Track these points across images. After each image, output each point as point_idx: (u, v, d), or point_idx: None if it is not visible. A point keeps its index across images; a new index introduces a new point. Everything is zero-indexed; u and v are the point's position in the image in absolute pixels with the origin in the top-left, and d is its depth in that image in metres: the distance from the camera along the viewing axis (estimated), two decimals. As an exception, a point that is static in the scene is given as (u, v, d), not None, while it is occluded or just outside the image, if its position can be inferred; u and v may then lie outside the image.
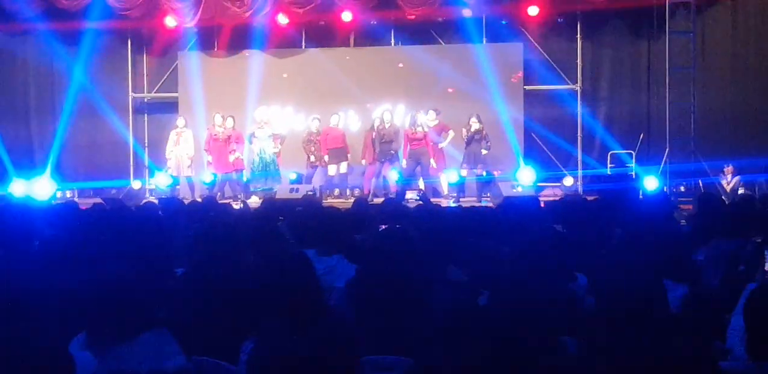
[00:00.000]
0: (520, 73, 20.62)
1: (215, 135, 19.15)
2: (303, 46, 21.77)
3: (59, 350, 3.41)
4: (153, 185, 20.83)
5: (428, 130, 18.51)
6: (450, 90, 20.38)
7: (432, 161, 18.44)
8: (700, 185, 18.35)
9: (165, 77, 22.60)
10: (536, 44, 20.93)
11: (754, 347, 3.36)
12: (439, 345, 3.35)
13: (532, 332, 3.45)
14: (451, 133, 18.47)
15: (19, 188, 17.96)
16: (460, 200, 17.90)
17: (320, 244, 6.19)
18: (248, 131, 19.41)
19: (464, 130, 18.30)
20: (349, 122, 20.62)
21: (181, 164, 19.31)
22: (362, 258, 5.49)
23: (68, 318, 4.24)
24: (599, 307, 3.99)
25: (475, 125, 18.23)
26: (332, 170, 18.98)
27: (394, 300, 4.24)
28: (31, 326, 3.93)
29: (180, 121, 19.74)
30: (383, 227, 7.01)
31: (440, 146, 18.50)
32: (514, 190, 17.50)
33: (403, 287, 4.32)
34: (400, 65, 21.14)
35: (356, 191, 19.20)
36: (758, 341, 3.35)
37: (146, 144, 22.65)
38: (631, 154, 19.62)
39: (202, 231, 6.37)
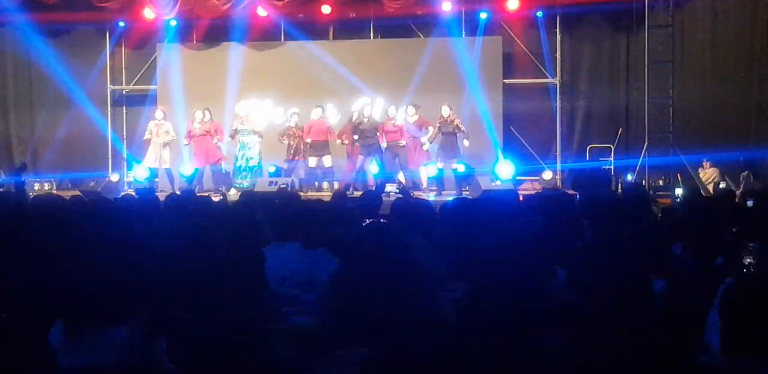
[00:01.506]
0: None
1: (191, 131, 19.08)
2: (282, 39, 21.73)
3: (39, 340, 3.40)
4: (131, 178, 20.77)
5: (406, 124, 18.49)
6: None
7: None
8: (679, 178, 18.43)
9: (143, 70, 22.54)
10: (515, 38, 20.95)
11: (730, 342, 3.37)
12: (414, 336, 3.36)
13: (509, 325, 3.46)
14: (431, 129, 18.44)
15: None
16: (442, 193, 17.94)
17: (300, 237, 6.19)
18: (231, 126, 19.33)
19: (437, 123, 18.35)
20: (329, 114, 20.58)
21: (160, 157, 19.24)
22: (344, 252, 5.48)
23: (45, 309, 4.23)
24: (577, 301, 4.00)
25: (445, 112, 18.25)
26: (312, 161, 18.91)
27: (376, 295, 4.23)
28: (9, 317, 3.93)
29: (158, 113, 19.64)
30: (368, 221, 7.01)
31: (422, 141, 18.45)
32: (493, 184, 17.52)
33: (386, 281, 4.32)
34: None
35: (335, 185, 19.18)
36: (733, 336, 3.36)
37: (124, 136, 22.60)
38: (609, 148, 19.66)
39: (179, 224, 6.34)
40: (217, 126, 19.23)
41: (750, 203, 9.38)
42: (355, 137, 18.64)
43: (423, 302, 4.29)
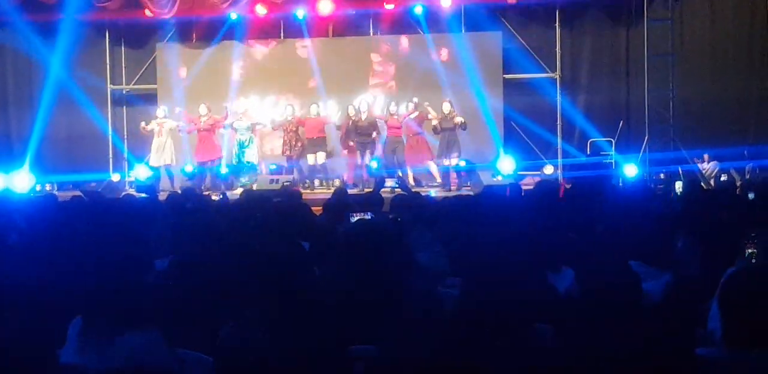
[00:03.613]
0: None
1: (197, 125, 19.19)
2: (281, 37, 21.72)
3: (40, 345, 3.39)
4: (132, 178, 20.78)
5: (407, 120, 18.49)
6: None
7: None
8: (680, 172, 18.44)
9: (143, 69, 22.54)
10: (515, 33, 20.93)
11: (730, 333, 3.36)
12: (410, 332, 3.35)
13: (506, 320, 3.45)
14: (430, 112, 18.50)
15: (-3, 181, 17.85)
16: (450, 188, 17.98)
17: (299, 235, 6.17)
18: (227, 122, 19.40)
19: (437, 118, 18.36)
20: (330, 112, 20.60)
21: (163, 154, 19.27)
22: (335, 248, 5.47)
23: (48, 313, 4.21)
24: (579, 295, 3.99)
25: (445, 108, 18.28)
26: (311, 159, 18.92)
27: (366, 290, 4.22)
28: (9, 321, 3.91)
29: (160, 111, 19.68)
30: (355, 216, 7.00)
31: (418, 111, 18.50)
32: (494, 179, 17.52)
33: (376, 276, 4.31)
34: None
35: (336, 181, 19.18)
36: (733, 327, 3.35)
37: (125, 136, 22.59)
38: (610, 142, 19.64)
39: (180, 223, 6.34)
40: (215, 121, 19.28)
41: (751, 195, 9.38)
42: (355, 140, 18.69)
43: (418, 297, 4.28)
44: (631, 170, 17.30)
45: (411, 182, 18.60)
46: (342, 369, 3.88)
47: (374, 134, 18.75)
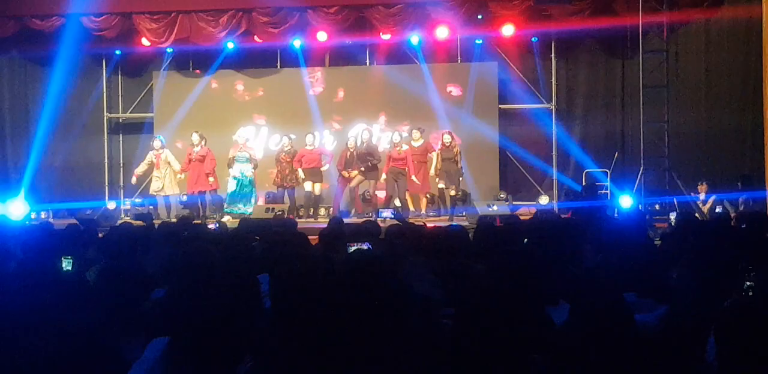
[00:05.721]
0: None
1: (190, 154, 19.05)
2: (278, 66, 21.77)
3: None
4: (128, 205, 20.76)
5: (412, 148, 18.50)
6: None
7: (414, 177, 18.38)
8: (675, 203, 18.44)
9: (140, 98, 22.58)
10: (511, 64, 21.01)
11: (726, 365, 3.35)
12: (410, 362, 3.34)
13: (500, 351, 3.44)
14: (434, 156, 18.47)
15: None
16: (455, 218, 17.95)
17: (296, 264, 6.15)
18: (228, 154, 19.13)
19: (438, 150, 18.39)
20: (325, 141, 20.65)
21: (166, 184, 19.16)
22: (333, 280, 5.44)
23: (43, 341, 4.20)
24: (573, 327, 3.98)
25: (446, 140, 18.30)
26: (308, 185, 18.85)
27: (364, 320, 4.21)
28: (4, 348, 3.90)
29: (156, 142, 19.52)
30: (353, 246, 6.97)
31: (430, 173, 18.50)
32: (490, 209, 17.51)
33: (373, 306, 4.30)
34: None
35: (330, 210, 19.18)
36: (730, 359, 3.34)
37: (122, 164, 22.61)
38: (606, 172, 19.68)
39: (177, 253, 6.32)
40: (208, 152, 19.10)
41: (745, 226, 9.38)
42: (362, 168, 18.60)
43: (417, 327, 4.27)
44: (626, 201, 17.27)
45: (411, 207, 18.65)
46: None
47: (374, 161, 18.66)
